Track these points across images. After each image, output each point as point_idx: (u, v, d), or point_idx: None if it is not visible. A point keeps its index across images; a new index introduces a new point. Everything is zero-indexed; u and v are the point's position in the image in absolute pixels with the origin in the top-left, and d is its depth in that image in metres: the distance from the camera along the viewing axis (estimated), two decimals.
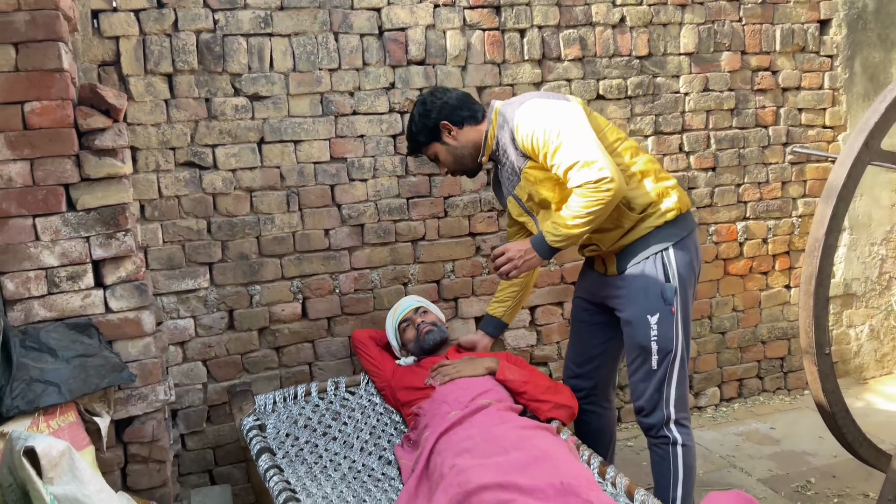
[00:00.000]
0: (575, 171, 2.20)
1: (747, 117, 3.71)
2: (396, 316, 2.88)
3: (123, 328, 2.49)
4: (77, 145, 2.39)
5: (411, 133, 2.57)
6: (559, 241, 2.31)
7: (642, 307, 2.38)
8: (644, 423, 2.49)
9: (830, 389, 2.22)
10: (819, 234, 2.13)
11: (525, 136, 2.33)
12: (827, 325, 2.19)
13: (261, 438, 2.55)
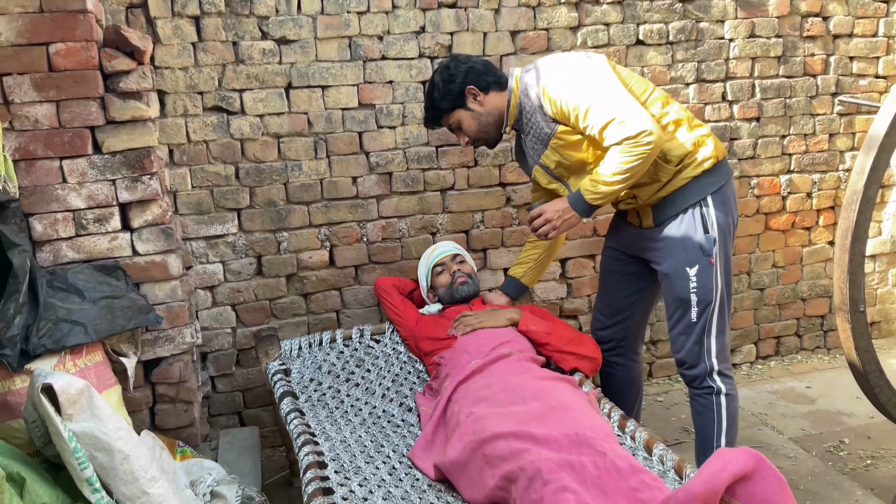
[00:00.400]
0: (611, 128, 2.14)
1: (795, 65, 3.55)
2: (433, 258, 2.84)
3: (150, 271, 2.52)
4: (102, 87, 2.40)
5: (433, 100, 2.46)
6: (599, 198, 2.25)
7: (681, 260, 2.33)
8: (687, 376, 2.46)
9: (863, 348, 2.14)
10: (858, 186, 2.02)
11: (553, 101, 2.25)
12: (862, 281, 2.10)
13: (285, 382, 2.58)
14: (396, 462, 2.14)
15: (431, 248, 2.89)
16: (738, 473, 1.25)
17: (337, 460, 2.09)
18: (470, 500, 1.91)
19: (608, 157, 2.19)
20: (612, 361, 2.69)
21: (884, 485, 2.70)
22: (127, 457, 1.89)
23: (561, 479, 1.66)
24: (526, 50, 3.17)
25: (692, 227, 2.32)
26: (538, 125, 2.36)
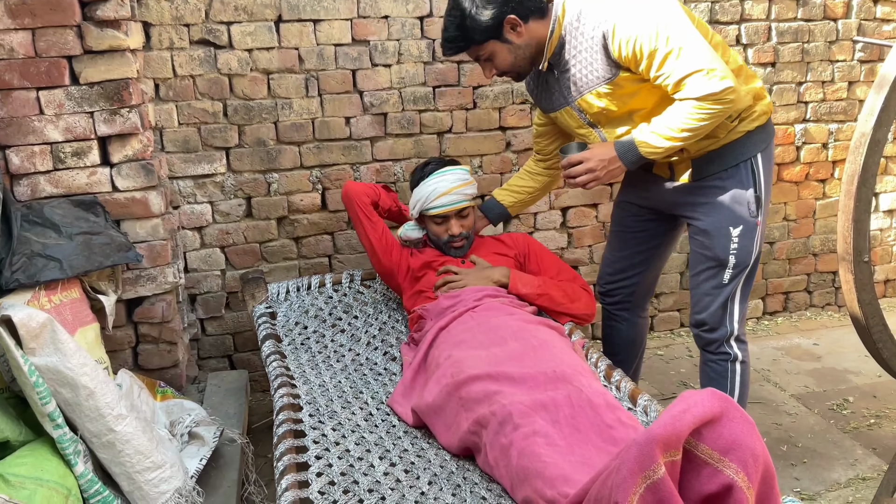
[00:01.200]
0: (694, 80, 1.91)
1: (814, 8, 3.37)
2: (435, 203, 2.44)
3: (131, 208, 2.46)
4: (79, 15, 2.30)
5: (464, 30, 2.11)
6: (656, 152, 2.04)
7: (726, 218, 2.17)
8: (704, 338, 2.31)
9: (867, 301, 2.03)
10: (866, 127, 1.89)
11: (627, 41, 1.95)
12: (868, 230, 1.98)
13: (269, 325, 2.52)
14: (374, 408, 2.08)
15: (435, 182, 2.44)
16: (703, 417, 1.17)
17: (313, 404, 2.03)
18: (445, 445, 1.85)
19: (678, 109, 1.97)
20: (618, 315, 2.58)
21: (886, 444, 2.61)
22: (92, 393, 1.84)
23: (532, 422, 1.59)
24: None
25: (741, 184, 2.16)
26: (589, 65, 2.08)
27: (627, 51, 1.97)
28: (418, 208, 2.48)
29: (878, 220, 3.74)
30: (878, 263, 3.80)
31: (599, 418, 1.63)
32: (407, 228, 2.63)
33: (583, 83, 2.13)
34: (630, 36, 1.95)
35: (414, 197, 2.50)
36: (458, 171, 2.48)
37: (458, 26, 2.11)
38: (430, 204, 2.44)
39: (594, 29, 2.01)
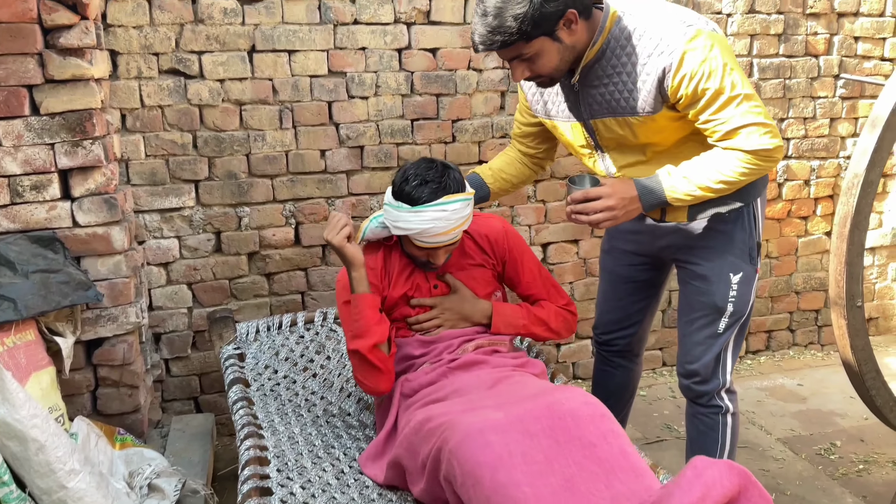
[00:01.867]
0: (750, 132, 1.78)
1: (796, 44, 3.35)
2: (430, 240, 1.94)
3: (92, 244, 2.34)
4: (41, 43, 2.20)
5: (521, 21, 1.73)
6: (682, 200, 1.87)
7: (727, 263, 2.04)
8: (695, 390, 2.15)
9: (860, 346, 1.96)
10: (859, 168, 1.84)
11: (689, 78, 1.76)
12: (861, 274, 1.92)
13: (237, 368, 2.40)
14: (346, 466, 1.95)
15: (433, 217, 1.90)
16: (722, 500, 1.09)
17: (281, 458, 1.91)
18: (418, 497, 1.74)
19: (721, 159, 1.82)
20: (614, 362, 2.45)
21: (876, 492, 2.53)
22: (42, 446, 1.71)
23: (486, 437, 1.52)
24: None
25: (742, 228, 2.04)
26: (629, 91, 1.87)
27: (688, 88, 1.78)
28: (400, 233, 1.96)
29: None
30: None
31: (581, 432, 1.55)
32: (374, 226, 2.07)
33: (612, 106, 1.92)
34: (697, 73, 1.76)
35: (396, 216, 1.94)
36: (461, 202, 1.93)
37: (514, 17, 1.73)
38: (421, 240, 1.94)
39: (651, 56, 1.81)
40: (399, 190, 1.94)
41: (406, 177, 1.94)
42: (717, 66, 1.75)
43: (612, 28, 1.84)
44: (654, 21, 1.82)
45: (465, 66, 2.95)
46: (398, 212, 1.93)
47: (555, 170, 3.15)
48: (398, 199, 1.94)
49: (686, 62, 1.76)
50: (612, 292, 2.37)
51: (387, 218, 1.99)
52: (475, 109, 3.01)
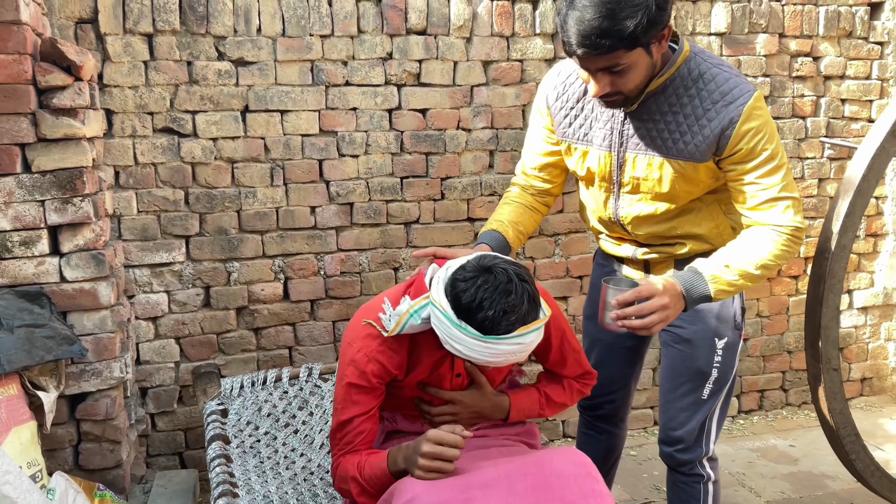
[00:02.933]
0: (787, 208, 1.77)
1: (783, 106, 3.40)
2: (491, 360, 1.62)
3: (78, 299, 2.36)
4: (35, 103, 2.26)
5: (637, 26, 1.61)
6: (728, 291, 1.80)
7: (712, 328, 2.01)
8: (677, 458, 2.11)
9: (838, 410, 1.96)
10: (832, 232, 1.86)
11: (750, 135, 1.76)
12: (837, 337, 1.92)
13: (218, 425, 2.39)
14: None
15: (508, 347, 1.60)
16: None
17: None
18: None
19: (756, 242, 1.79)
20: (598, 427, 2.39)
21: None
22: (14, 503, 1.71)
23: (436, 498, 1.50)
24: (499, 81, 3.03)
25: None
26: (681, 134, 1.81)
27: (749, 143, 1.76)
28: (461, 357, 1.64)
29: (852, 317, 3.69)
30: (854, 361, 3.74)
31: (564, 492, 1.55)
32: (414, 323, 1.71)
33: (657, 144, 1.85)
34: (761, 131, 1.76)
35: (458, 337, 1.59)
36: (537, 331, 1.64)
37: (630, 18, 1.60)
38: (481, 359, 1.62)
39: (717, 104, 1.77)
40: (466, 310, 1.58)
41: (479, 300, 1.56)
42: (774, 133, 1.78)
43: (681, 64, 1.79)
44: (724, 71, 1.80)
45: (454, 126, 3.01)
46: (461, 334, 1.58)
47: (544, 227, 3.18)
48: (462, 317, 1.58)
49: (753, 118, 1.76)
50: (595, 358, 2.29)
51: (439, 329, 1.63)
52: (464, 168, 3.05)
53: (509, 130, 3.08)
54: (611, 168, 1.96)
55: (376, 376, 1.76)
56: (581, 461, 1.69)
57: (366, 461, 1.75)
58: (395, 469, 1.71)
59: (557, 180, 2.20)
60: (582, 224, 3.21)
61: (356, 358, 1.76)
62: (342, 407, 1.79)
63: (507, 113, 3.07)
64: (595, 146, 1.96)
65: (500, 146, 3.08)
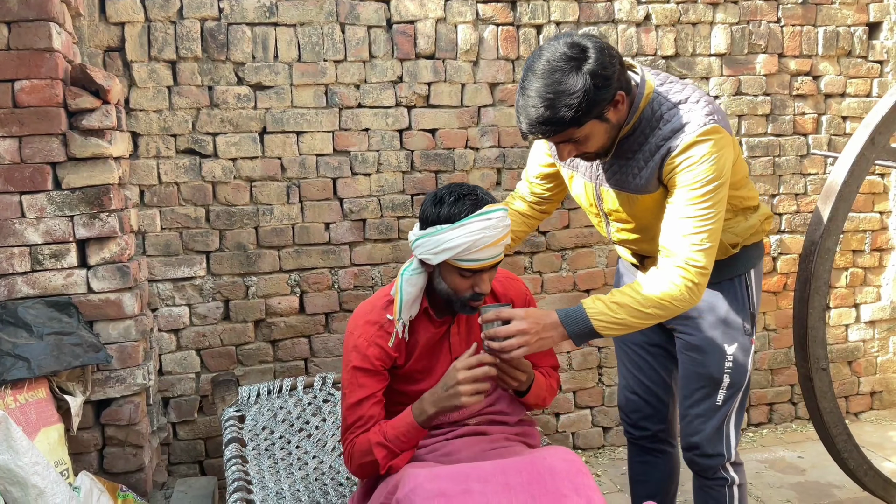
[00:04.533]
0: (689, 247, 1.77)
1: (784, 124, 3.49)
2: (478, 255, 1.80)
3: (104, 309, 2.50)
4: (66, 124, 2.42)
5: (576, 110, 1.70)
6: (613, 328, 1.80)
7: (720, 335, 2.04)
8: (699, 464, 2.13)
9: (828, 409, 2.02)
10: (815, 236, 1.94)
11: (679, 167, 1.78)
12: (824, 337, 2.00)
13: (235, 429, 2.51)
14: None
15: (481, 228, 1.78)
16: None
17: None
18: None
19: (653, 279, 1.80)
20: (652, 449, 2.33)
21: None
22: (42, 493, 1.83)
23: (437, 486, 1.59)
24: (505, 102, 3.16)
25: (735, 299, 2.05)
26: (639, 168, 1.87)
27: (675, 175, 1.79)
28: (446, 257, 1.80)
29: (860, 330, 3.73)
30: (863, 375, 3.77)
31: (556, 486, 1.63)
32: (408, 276, 1.90)
33: (618, 180, 1.93)
34: (689, 168, 1.77)
35: (438, 239, 1.80)
36: (501, 212, 1.84)
37: (568, 106, 1.69)
38: (469, 255, 1.79)
39: (667, 140, 1.81)
40: (435, 214, 1.82)
41: (438, 199, 1.83)
42: (713, 177, 1.75)
43: (644, 108, 1.83)
44: (680, 110, 1.81)
45: (462, 146, 3.13)
46: (438, 235, 1.79)
47: (550, 242, 3.28)
48: (432, 224, 1.82)
49: (691, 149, 1.76)
50: (630, 363, 2.30)
51: (424, 250, 1.83)
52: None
53: (515, 149, 3.20)
54: (593, 198, 2.06)
55: (378, 359, 1.90)
56: (572, 458, 1.77)
57: (387, 425, 1.86)
58: (423, 418, 1.83)
59: (557, 189, 2.27)
60: (589, 239, 3.31)
61: (358, 343, 1.91)
62: (349, 391, 1.91)
63: (513, 132, 3.19)
64: (580, 173, 2.06)
65: (507, 164, 3.20)
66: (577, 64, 1.68)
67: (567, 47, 1.70)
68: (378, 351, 1.90)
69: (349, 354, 1.92)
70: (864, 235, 3.67)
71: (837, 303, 3.68)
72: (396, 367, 1.95)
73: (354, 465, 1.89)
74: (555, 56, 1.70)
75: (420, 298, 1.94)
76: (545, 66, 1.70)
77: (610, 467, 3.30)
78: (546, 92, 1.69)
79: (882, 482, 2.17)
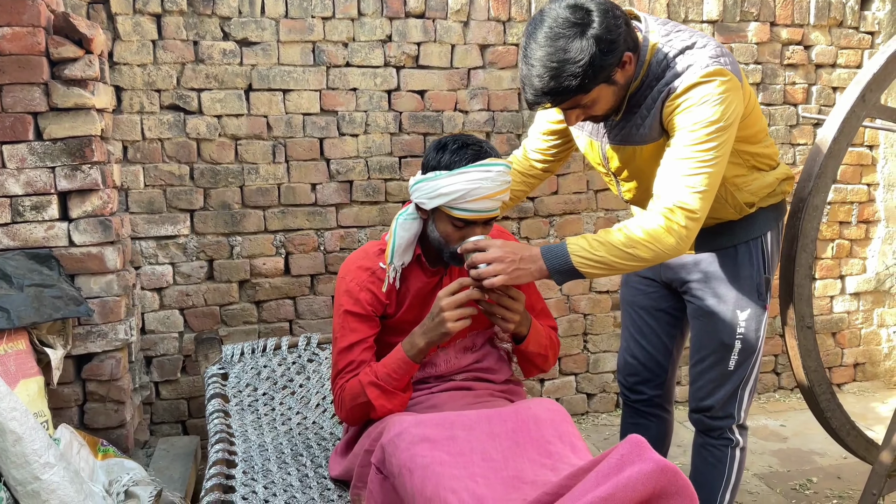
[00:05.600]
0: (682, 189, 1.70)
1: (775, 93, 3.48)
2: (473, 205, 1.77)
3: (86, 263, 2.46)
4: (48, 74, 2.37)
5: (582, 77, 1.65)
6: (593, 267, 1.72)
7: (733, 300, 1.98)
8: (707, 423, 2.09)
9: (812, 367, 2.02)
10: (804, 193, 1.93)
11: (678, 109, 1.72)
12: (810, 295, 1.99)
13: (218, 386, 2.48)
14: (311, 471, 2.03)
15: (479, 177, 1.75)
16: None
17: (248, 461, 1.99)
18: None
19: (638, 220, 1.73)
20: (646, 413, 2.28)
21: None
22: (20, 438, 1.81)
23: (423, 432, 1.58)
24: (495, 64, 3.13)
25: (749, 263, 1.98)
26: (642, 118, 1.80)
27: (675, 117, 1.73)
28: (441, 202, 1.77)
29: (844, 302, 3.75)
30: (847, 346, 3.79)
31: (540, 433, 1.63)
32: (402, 220, 1.90)
33: (623, 136, 1.87)
34: (689, 107, 1.70)
35: (435, 184, 1.77)
36: (503, 167, 1.79)
37: (574, 75, 1.64)
38: (463, 204, 1.77)
39: (669, 84, 1.73)
40: (436, 160, 1.79)
41: (442, 145, 1.81)
42: (713, 118, 1.68)
43: (650, 60, 1.76)
44: (688, 52, 1.73)
45: (451, 108, 3.11)
46: (436, 180, 1.76)
47: (538, 208, 3.26)
48: (435, 170, 1.79)
49: (692, 90, 1.69)
50: (634, 327, 2.26)
51: (420, 195, 1.81)
52: None
53: (505, 113, 3.17)
54: (599, 158, 2.00)
55: (370, 304, 1.88)
56: (556, 408, 1.76)
57: (378, 365, 1.85)
58: (413, 352, 1.82)
59: (563, 147, 2.19)
60: (577, 205, 3.29)
61: (350, 287, 1.89)
62: (341, 335, 1.89)
63: (503, 96, 3.16)
64: (585, 133, 2.00)
65: (497, 128, 3.17)
66: (580, 29, 1.62)
67: (569, 11, 1.63)
68: (370, 296, 1.89)
69: (340, 298, 1.91)
70: (851, 207, 3.67)
71: (823, 274, 3.69)
72: (387, 316, 1.94)
73: (345, 410, 1.87)
74: (557, 21, 1.63)
75: (414, 245, 1.92)
76: (547, 32, 1.63)
77: (593, 433, 3.31)
78: (550, 61, 1.63)
79: (864, 442, 2.18)
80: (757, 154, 1.91)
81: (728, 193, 1.89)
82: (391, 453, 1.59)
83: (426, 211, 1.85)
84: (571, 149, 2.22)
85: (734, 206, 1.92)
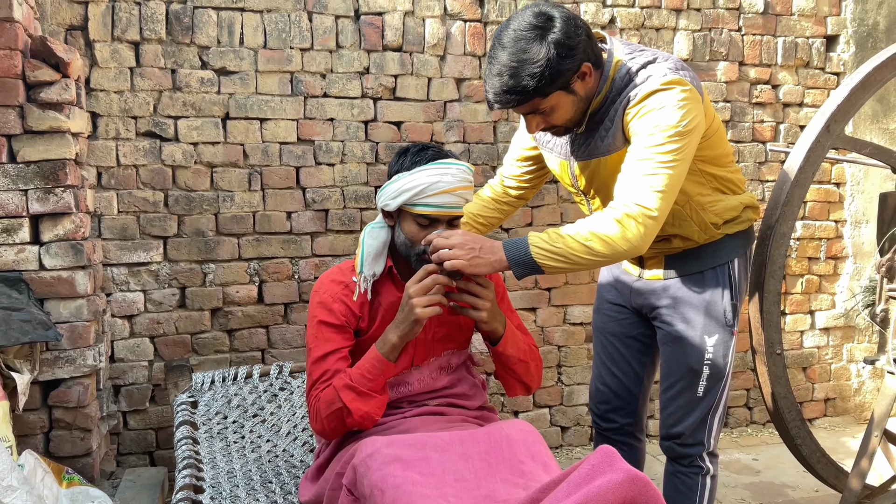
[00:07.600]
0: (641, 189, 1.73)
1: (744, 130, 3.56)
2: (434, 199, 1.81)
3: (56, 287, 2.44)
4: (24, 96, 2.37)
5: (539, 79, 1.71)
6: (552, 259, 1.75)
7: (701, 325, 2.00)
8: (678, 451, 2.09)
9: (782, 394, 2.04)
10: (771, 220, 1.97)
11: (637, 115, 1.76)
12: (779, 322, 2.02)
13: (188, 413, 2.45)
14: (281, 497, 2.00)
15: (438, 173, 1.81)
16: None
17: (216, 487, 1.96)
18: None
19: (600, 217, 1.76)
20: (620, 442, 2.27)
21: None
22: None
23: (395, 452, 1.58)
24: (471, 98, 3.17)
25: (717, 289, 2.01)
26: (605, 130, 1.85)
27: (634, 123, 1.77)
28: (403, 199, 1.82)
29: (815, 337, 3.79)
30: (818, 381, 3.83)
31: (513, 453, 1.64)
32: (370, 230, 1.98)
33: (594, 147, 1.89)
34: (646, 113, 1.75)
35: (398, 184, 1.83)
36: (464, 168, 1.86)
37: (531, 76, 1.71)
38: (424, 199, 1.80)
39: (631, 90, 1.79)
40: (398, 165, 1.88)
41: (404, 150, 1.90)
42: (671, 123, 1.71)
43: (614, 77, 1.82)
44: (649, 66, 1.80)
45: (428, 138, 3.14)
46: (402, 182, 1.81)
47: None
48: (398, 173, 1.85)
49: (651, 97, 1.73)
50: (605, 355, 2.27)
51: (384, 198, 1.87)
52: None
53: (481, 145, 3.21)
54: (569, 178, 2.04)
55: (344, 315, 1.89)
56: (528, 429, 1.77)
57: (352, 369, 1.84)
58: (387, 348, 1.81)
59: (537, 174, 2.24)
60: None
61: (323, 299, 1.91)
62: (315, 346, 1.89)
63: (478, 128, 3.20)
64: (555, 153, 2.05)
65: (472, 159, 3.21)
66: (541, 33, 1.70)
67: (534, 16, 1.72)
68: (343, 307, 1.90)
69: (314, 310, 1.92)
70: (820, 243, 3.74)
71: (793, 308, 3.74)
72: (360, 331, 1.93)
73: (321, 420, 1.84)
74: (521, 25, 1.72)
75: (384, 255, 1.95)
76: (511, 35, 1.72)
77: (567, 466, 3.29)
78: (510, 61, 1.71)
79: (835, 470, 2.19)
80: (722, 178, 1.96)
81: (693, 211, 1.93)
82: (363, 474, 1.57)
83: (392, 217, 1.91)
84: (545, 176, 2.26)
85: (699, 223, 1.95)
